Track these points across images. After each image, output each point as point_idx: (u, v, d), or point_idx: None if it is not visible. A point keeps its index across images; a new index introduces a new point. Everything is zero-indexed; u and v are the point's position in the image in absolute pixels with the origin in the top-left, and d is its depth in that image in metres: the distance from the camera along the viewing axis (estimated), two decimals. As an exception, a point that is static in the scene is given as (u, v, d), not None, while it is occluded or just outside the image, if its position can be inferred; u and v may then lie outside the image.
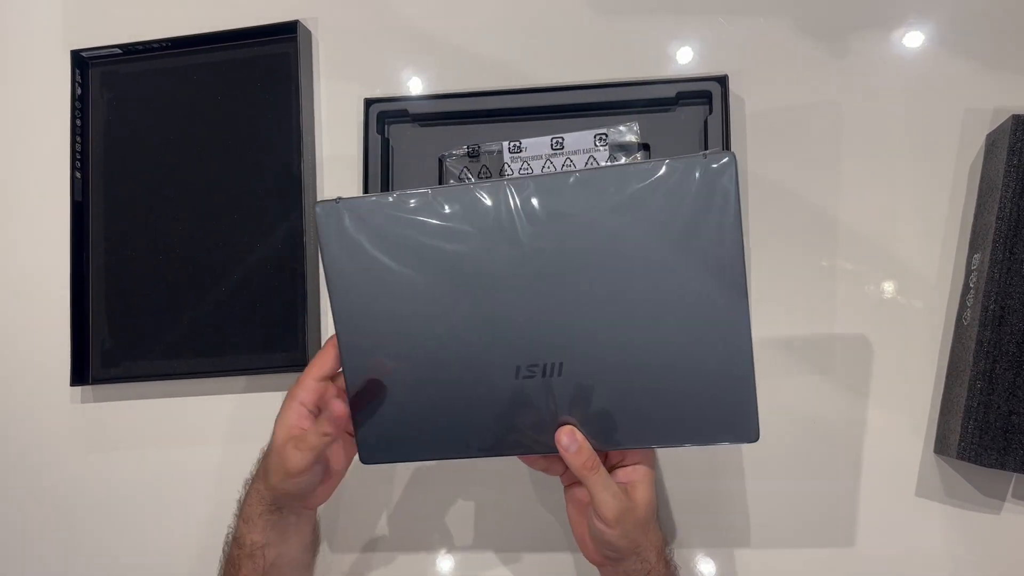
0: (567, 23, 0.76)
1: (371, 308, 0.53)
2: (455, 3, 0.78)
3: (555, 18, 0.76)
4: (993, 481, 0.66)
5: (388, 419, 0.55)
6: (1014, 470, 0.61)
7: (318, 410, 0.57)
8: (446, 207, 0.51)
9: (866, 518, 0.68)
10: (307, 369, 0.57)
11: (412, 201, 0.51)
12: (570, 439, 0.52)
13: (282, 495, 0.57)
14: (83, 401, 0.80)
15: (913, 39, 0.71)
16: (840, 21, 0.72)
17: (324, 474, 0.58)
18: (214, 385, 0.78)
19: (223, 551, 0.62)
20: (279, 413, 0.57)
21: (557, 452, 0.53)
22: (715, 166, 0.49)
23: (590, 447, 0.52)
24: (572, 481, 0.58)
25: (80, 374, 0.78)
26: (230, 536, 0.61)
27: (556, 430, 0.53)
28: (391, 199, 0.52)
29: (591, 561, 0.57)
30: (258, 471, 0.59)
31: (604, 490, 0.52)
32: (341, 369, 0.55)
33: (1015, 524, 0.66)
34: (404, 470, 0.74)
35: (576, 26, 0.76)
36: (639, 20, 0.75)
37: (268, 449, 0.57)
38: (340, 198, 0.52)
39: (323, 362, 0.56)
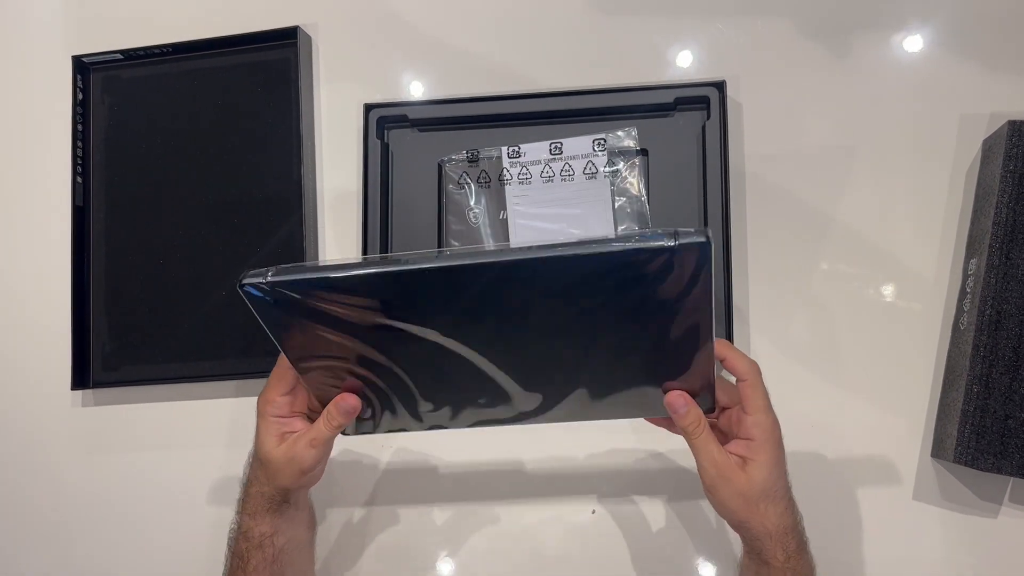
0: (566, 28, 0.76)
1: (324, 360, 0.52)
2: (454, 9, 0.78)
3: (554, 24, 0.76)
4: (990, 485, 0.67)
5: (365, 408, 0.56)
6: (1011, 474, 0.62)
7: (293, 414, 0.58)
8: (391, 284, 0.46)
9: (863, 522, 0.68)
10: (269, 388, 0.58)
11: (351, 278, 0.45)
12: (680, 402, 0.53)
13: (293, 492, 0.60)
14: (84, 405, 0.81)
15: (910, 45, 0.71)
16: (837, 28, 0.72)
17: None
18: (214, 389, 0.78)
19: (228, 547, 0.62)
20: (261, 431, 0.58)
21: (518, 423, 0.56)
22: (688, 252, 0.42)
23: (699, 412, 0.54)
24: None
25: (81, 378, 0.78)
26: (234, 532, 0.62)
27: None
28: (325, 278, 0.46)
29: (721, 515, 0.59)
30: (257, 476, 0.60)
31: (703, 455, 0.54)
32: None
33: (1012, 528, 0.66)
34: (383, 465, 0.75)
35: (575, 32, 0.76)
36: (638, 26, 0.75)
37: (265, 459, 0.58)
38: (270, 273, 0.46)
39: (281, 385, 0.58)
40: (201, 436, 0.78)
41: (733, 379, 0.56)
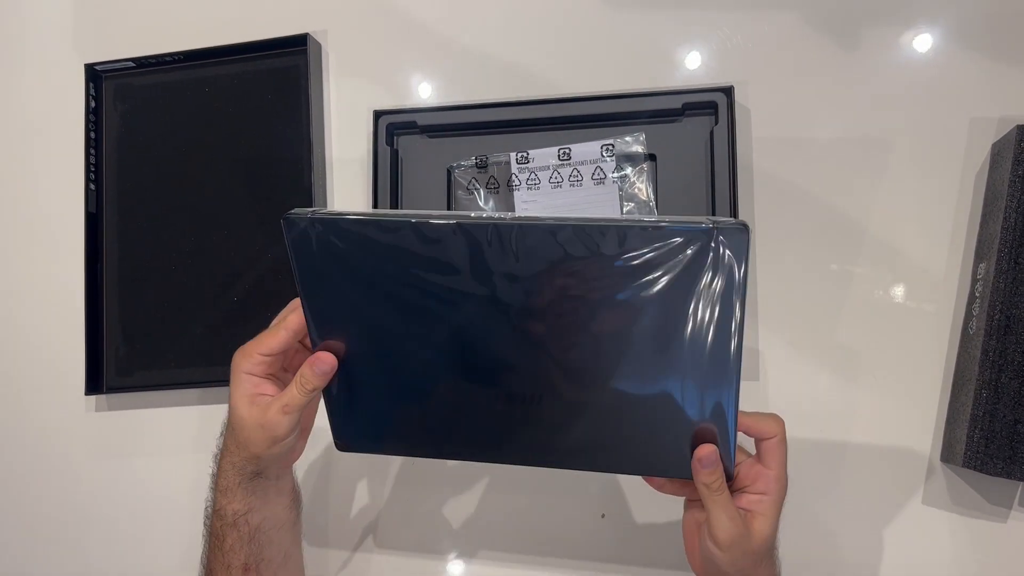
0: (572, 35, 0.76)
1: (346, 319, 0.52)
2: (463, 16, 0.78)
3: (560, 30, 0.77)
4: (999, 489, 0.67)
5: (363, 412, 0.55)
6: (1020, 479, 0.62)
7: (267, 375, 0.56)
8: (428, 240, 0.47)
9: (872, 526, 0.68)
10: (252, 342, 0.56)
11: (391, 227, 0.47)
12: (709, 457, 0.51)
13: (264, 461, 0.56)
14: (97, 410, 0.82)
15: (919, 48, 0.71)
16: (845, 31, 0.72)
17: (301, 430, 0.58)
18: (227, 394, 0.78)
19: (204, 525, 0.61)
20: (234, 389, 0.56)
21: (517, 464, 0.55)
22: (723, 239, 0.44)
23: (723, 470, 0.52)
24: (694, 499, 0.57)
25: (95, 383, 0.79)
26: (209, 510, 0.60)
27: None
28: (368, 221, 0.47)
29: (697, 573, 0.57)
30: (228, 445, 0.58)
31: (723, 512, 0.51)
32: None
33: (1022, 532, 0.66)
34: (395, 468, 0.75)
35: (582, 38, 0.76)
36: (645, 31, 0.75)
37: (236, 424, 0.56)
38: (314, 212, 0.48)
39: (273, 343, 0.55)
40: (215, 440, 0.78)
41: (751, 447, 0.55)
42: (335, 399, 0.55)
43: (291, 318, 0.55)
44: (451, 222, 0.46)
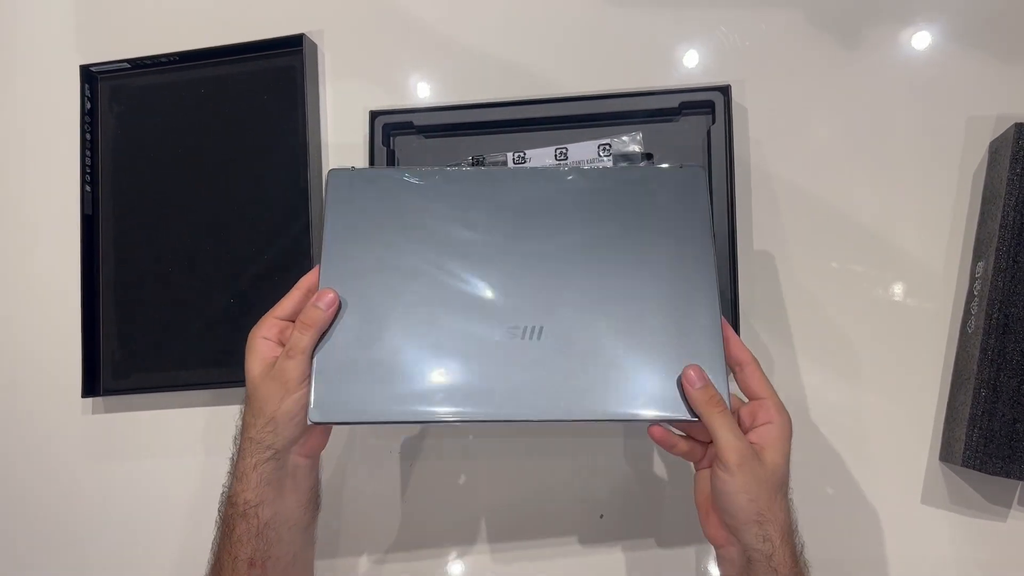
0: (569, 34, 0.76)
1: (360, 264, 0.58)
2: (460, 16, 0.78)
3: (557, 30, 0.76)
4: (998, 489, 0.67)
5: (352, 376, 0.56)
6: (1019, 478, 0.62)
7: (281, 342, 0.57)
8: (449, 181, 0.60)
9: (871, 525, 0.68)
10: (268, 312, 0.58)
11: (417, 177, 0.60)
12: (697, 374, 0.53)
13: (282, 428, 0.55)
14: (94, 412, 0.81)
15: (916, 47, 0.71)
16: (843, 30, 0.72)
17: None
18: (224, 395, 0.78)
19: (218, 511, 0.60)
20: (248, 357, 0.57)
21: (518, 420, 0.54)
22: (689, 174, 0.60)
23: (715, 389, 0.53)
24: (705, 465, 0.58)
25: (91, 385, 0.79)
26: (224, 496, 0.59)
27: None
28: (401, 171, 0.61)
29: (712, 539, 0.57)
30: (246, 419, 0.58)
31: (728, 431, 0.52)
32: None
33: (1020, 532, 0.66)
34: (394, 474, 0.75)
35: (578, 37, 0.76)
36: (642, 30, 0.75)
37: (250, 389, 0.56)
38: (354, 167, 0.61)
39: (287, 304, 0.57)
40: (212, 442, 0.78)
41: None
42: (323, 359, 0.56)
43: (304, 278, 0.58)
44: (471, 166, 0.62)
